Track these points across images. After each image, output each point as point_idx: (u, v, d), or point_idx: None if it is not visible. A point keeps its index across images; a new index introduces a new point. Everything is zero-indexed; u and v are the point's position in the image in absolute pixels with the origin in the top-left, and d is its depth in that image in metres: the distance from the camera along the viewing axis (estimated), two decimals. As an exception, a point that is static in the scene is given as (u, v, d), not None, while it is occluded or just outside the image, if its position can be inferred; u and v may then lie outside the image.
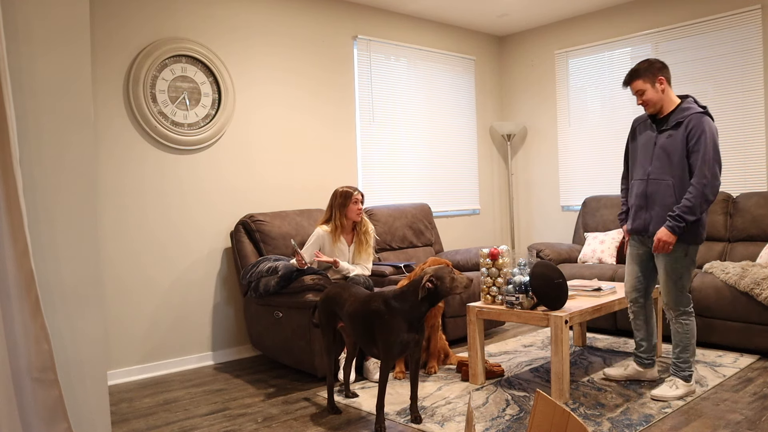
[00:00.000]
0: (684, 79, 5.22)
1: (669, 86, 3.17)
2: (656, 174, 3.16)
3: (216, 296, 4.45)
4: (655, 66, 3.15)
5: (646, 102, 3.17)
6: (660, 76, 3.13)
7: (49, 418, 2.33)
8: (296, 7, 4.91)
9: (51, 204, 2.46)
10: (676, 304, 3.20)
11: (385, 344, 2.87)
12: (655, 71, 3.13)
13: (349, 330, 3.09)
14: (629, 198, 3.37)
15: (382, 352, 2.89)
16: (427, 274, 2.89)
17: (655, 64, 3.15)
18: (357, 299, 3.04)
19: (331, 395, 3.23)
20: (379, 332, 2.88)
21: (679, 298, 3.19)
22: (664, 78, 3.14)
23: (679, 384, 3.22)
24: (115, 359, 4.00)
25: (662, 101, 3.16)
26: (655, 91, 3.14)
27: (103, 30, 3.95)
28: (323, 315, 3.20)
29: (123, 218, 4.04)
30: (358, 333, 3.00)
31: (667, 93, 3.16)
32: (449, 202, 6.10)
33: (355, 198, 4.00)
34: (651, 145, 3.20)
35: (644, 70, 3.15)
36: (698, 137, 3.03)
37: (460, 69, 6.18)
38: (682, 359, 3.24)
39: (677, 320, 3.22)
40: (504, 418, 3.03)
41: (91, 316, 2.55)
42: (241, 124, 4.58)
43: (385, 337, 2.86)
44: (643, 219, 3.25)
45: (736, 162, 4.97)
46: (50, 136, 2.46)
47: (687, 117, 3.09)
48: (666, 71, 3.16)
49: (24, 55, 2.39)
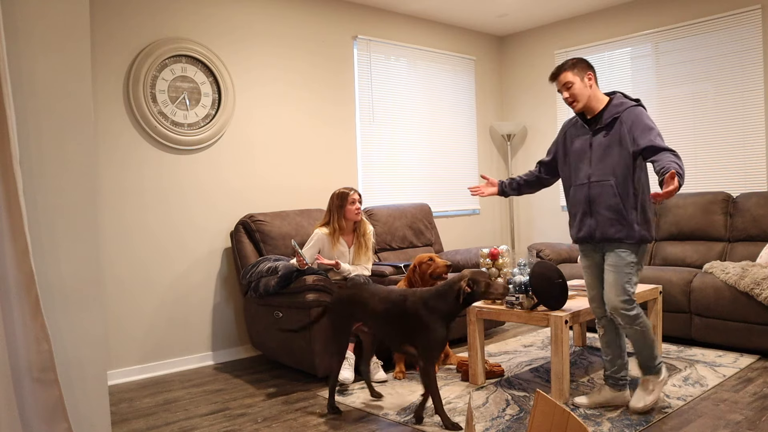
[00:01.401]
0: (684, 79, 5.22)
1: (597, 86, 3.06)
2: (597, 176, 2.98)
3: (216, 296, 4.45)
4: (584, 63, 3.04)
5: (574, 96, 3.00)
6: (589, 72, 3.02)
7: (49, 418, 2.33)
8: (296, 7, 4.91)
9: (51, 204, 2.46)
10: (626, 308, 2.94)
11: (426, 344, 2.88)
12: (583, 67, 3.03)
13: (374, 329, 3.08)
14: (568, 205, 3.17)
15: (425, 352, 2.89)
16: (465, 277, 2.90)
17: (584, 62, 3.05)
18: (386, 298, 3.03)
19: (332, 396, 3.23)
20: (419, 332, 2.89)
21: (629, 301, 2.95)
22: (592, 75, 3.03)
23: (652, 382, 3.04)
24: (115, 359, 4.00)
25: (590, 99, 3.02)
26: (583, 85, 3.00)
27: (103, 30, 3.95)
28: (336, 317, 3.16)
29: (123, 218, 4.04)
30: (387, 332, 2.99)
31: (594, 90, 3.03)
32: (449, 202, 6.09)
33: (352, 198, 3.99)
34: (587, 148, 3.03)
35: (572, 65, 3.03)
36: (642, 127, 2.88)
37: (460, 69, 6.18)
38: (648, 356, 3.03)
39: (632, 325, 2.95)
40: (504, 418, 3.03)
41: (91, 316, 2.55)
42: (241, 124, 4.58)
43: (426, 338, 2.87)
44: (589, 225, 3.03)
45: (736, 162, 4.98)
46: (50, 136, 2.46)
47: (622, 112, 2.96)
48: (593, 72, 3.05)
49: (24, 55, 2.39)
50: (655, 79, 5.41)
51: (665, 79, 5.34)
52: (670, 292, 4.27)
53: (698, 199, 4.87)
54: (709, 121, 5.10)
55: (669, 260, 4.87)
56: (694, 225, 4.83)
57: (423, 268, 3.80)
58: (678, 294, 4.24)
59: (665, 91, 5.36)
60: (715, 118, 5.07)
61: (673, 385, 3.43)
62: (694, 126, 5.19)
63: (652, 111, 5.40)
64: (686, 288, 4.23)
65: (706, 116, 5.12)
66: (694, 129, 5.19)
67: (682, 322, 4.25)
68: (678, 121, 5.28)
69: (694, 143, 5.19)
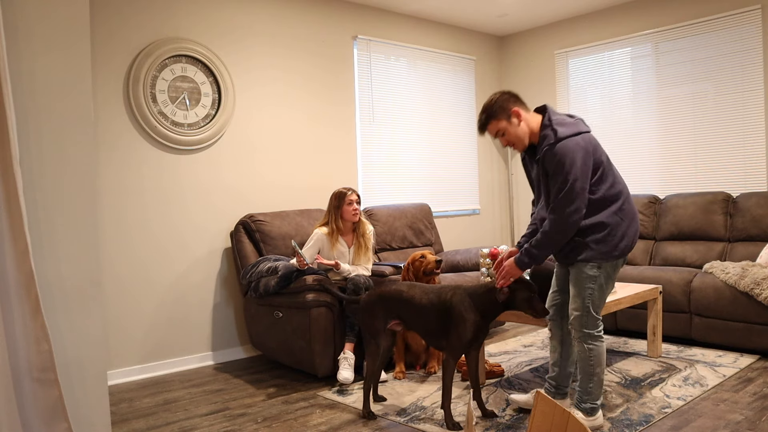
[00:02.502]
0: (684, 79, 5.22)
1: (527, 113, 2.80)
2: (545, 203, 2.87)
3: (216, 296, 4.45)
4: (504, 99, 2.79)
5: (510, 141, 2.81)
6: (513, 108, 2.76)
7: (49, 418, 2.33)
8: (296, 7, 4.91)
9: (51, 204, 2.46)
10: (580, 325, 2.78)
11: (456, 336, 2.86)
12: (504, 107, 2.77)
13: (412, 324, 3.04)
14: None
15: (452, 341, 2.87)
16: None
17: (502, 98, 2.79)
18: (429, 290, 3.01)
19: (371, 395, 3.17)
20: (454, 323, 2.87)
21: (584, 320, 2.78)
22: (518, 109, 2.77)
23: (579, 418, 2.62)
24: (115, 359, 4.00)
25: (526, 135, 2.79)
26: (514, 126, 2.77)
27: (103, 30, 3.95)
28: (369, 316, 3.11)
29: (123, 218, 4.04)
30: (427, 326, 2.97)
31: (527, 122, 2.78)
32: (449, 202, 6.10)
33: (349, 199, 3.99)
34: (537, 175, 2.87)
35: (493, 112, 2.77)
36: (553, 173, 2.67)
37: (460, 69, 6.18)
38: (584, 389, 2.83)
39: (580, 343, 2.80)
40: (504, 418, 3.03)
41: (91, 316, 2.55)
42: (241, 124, 4.58)
43: (459, 330, 2.86)
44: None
45: (736, 162, 4.98)
46: (50, 136, 2.46)
47: (542, 151, 2.72)
48: (517, 101, 2.81)
49: (24, 55, 2.39)
50: (655, 79, 5.41)
51: (665, 79, 5.34)
52: (670, 292, 4.27)
53: (698, 199, 4.87)
54: (709, 121, 5.10)
55: (669, 260, 4.87)
56: (694, 225, 4.83)
57: (416, 266, 3.83)
58: (678, 294, 4.24)
59: (665, 91, 5.36)
60: (715, 118, 5.07)
61: (673, 385, 3.43)
62: (694, 126, 5.19)
63: (652, 111, 5.41)
64: (686, 288, 4.23)
65: (706, 116, 5.12)
66: (694, 129, 5.19)
67: (682, 322, 4.26)
68: (678, 121, 5.28)
69: (694, 143, 5.19)
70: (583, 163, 2.64)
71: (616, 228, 2.74)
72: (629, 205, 2.81)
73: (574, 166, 2.62)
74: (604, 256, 2.73)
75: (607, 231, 2.73)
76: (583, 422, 2.70)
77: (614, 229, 2.74)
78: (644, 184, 5.51)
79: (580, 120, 2.81)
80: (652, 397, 3.27)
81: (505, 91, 2.85)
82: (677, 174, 5.32)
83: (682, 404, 3.14)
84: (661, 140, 5.39)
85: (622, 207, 2.77)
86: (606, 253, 2.73)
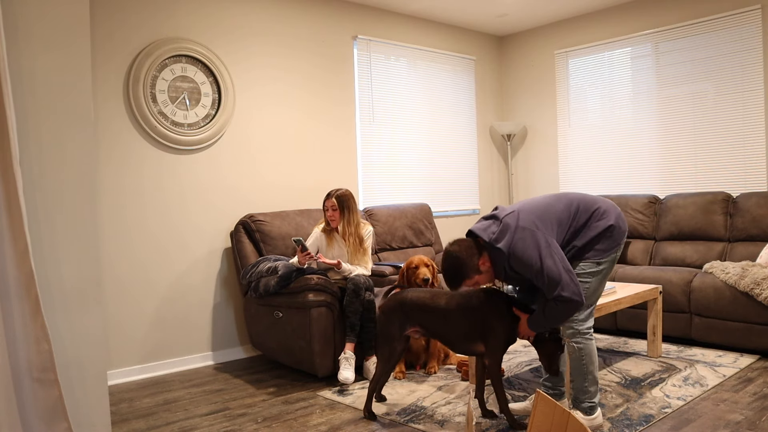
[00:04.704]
0: (684, 79, 5.22)
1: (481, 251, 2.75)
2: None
3: (216, 296, 4.45)
4: (467, 256, 2.73)
5: (486, 283, 2.85)
6: (478, 260, 2.74)
7: (49, 418, 2.33)
8: (296, 7, 4.91)
9: (51, 204, 2.46)
10: (570, 320, 2.80)
11: (495, 336, 2.84)
12: (471, 262, 2.73)
13: (437, 331, 2.99)
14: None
15: (493, 341, 2.84)
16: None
17: (465, 254, 2.73)
18: (456, 293, 2.96)
19: (370, 399, 3.15)
20: (492, 323, 2.83)
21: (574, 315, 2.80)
22: (483, 256, 2.75)
23: (579, 417, 2.76)
24: (115, 359, 4.00)
25: (496, 271, 2.79)
26: (484, 274, 2.77)
27: (103, 30, 3.95)
28: (388, 321, 3.06)
29: (123, 218, 4.04)
30: (456, 331, 2.92)
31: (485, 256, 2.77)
32: (449, 202, 6.09)
33: (326, 205, 4.01)
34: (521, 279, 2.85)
35: (465, 269, 2.74)
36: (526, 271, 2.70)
37: (460, 69, 6.18)
38: (579, 389, 2.84)
39: (569, 341, 2.84)
40: (504, 418, 3.02)
41: (91, 316, 2.55)
42: (241, 124, 4.58)
43: (498, 329, 2.83)
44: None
45: (736, 162, 4.98)
46: (50, 136, 2.46)
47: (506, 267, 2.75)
48: (478, 248, 2.75)
49: (24, 55, 2.39)
50: (655, 79, 5.41)
51: (665, 79, 5.34)
52: (670, 292, 4.27)
53: (698, 199, 4.86)
54: (709, 121, 5.10)
55: (669, 260, 4.87)
56: (694, 225, 4.83)
57: (408, 274, 3.85)
58: (678, 294, 4.24)
59: (665, 91, 5.36)
60: (715, 118, 5.07)
61: (673, 385, 3.43)
62: (694, 126, 5.19)
63: (652, 111, 5.41)
64: (686, 288, 4.23)
65: (706, 116, 5.12)
66: (694, 129, 5.19)
67: (682, 322, 4.25)
68: (678, 121, 5.28)
69: (694, 143, 5.19)
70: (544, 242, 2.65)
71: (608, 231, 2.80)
72: (607, 210, 2.82)
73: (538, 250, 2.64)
74: (599, 254, 2.80)
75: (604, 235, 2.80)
76: (583, 421, 2.71)
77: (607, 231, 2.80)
78: (644, 184, 5.52)
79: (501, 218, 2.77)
80: (652, 397, 3.27)
81: (465, 240, 2.80)
82: (677, 174, 5.31)
83: (682, 404, 3.14)
84: (661, 140, 5.39)
85: (602, 217, 2.80)
86: (603, 251, 2.80)
